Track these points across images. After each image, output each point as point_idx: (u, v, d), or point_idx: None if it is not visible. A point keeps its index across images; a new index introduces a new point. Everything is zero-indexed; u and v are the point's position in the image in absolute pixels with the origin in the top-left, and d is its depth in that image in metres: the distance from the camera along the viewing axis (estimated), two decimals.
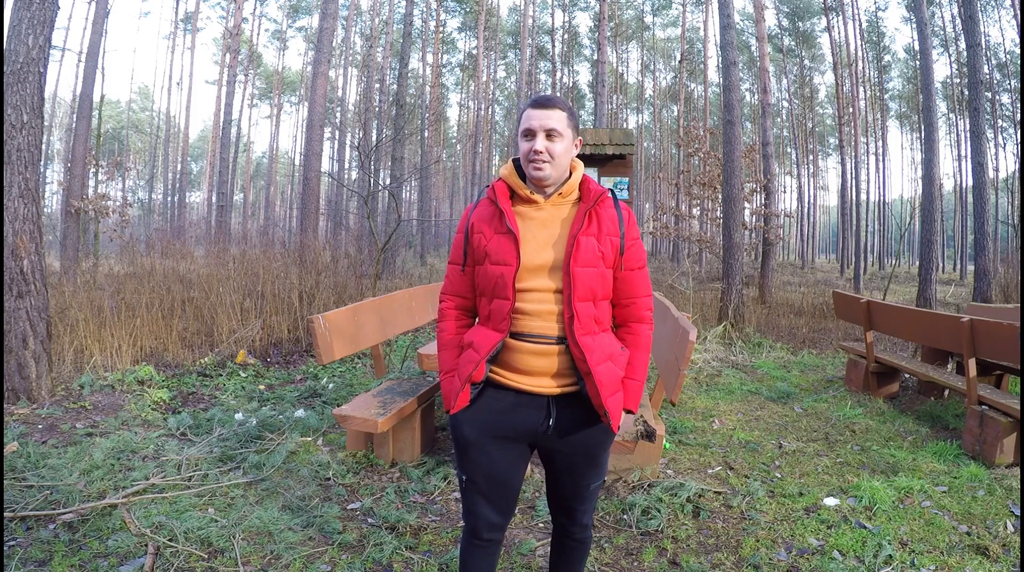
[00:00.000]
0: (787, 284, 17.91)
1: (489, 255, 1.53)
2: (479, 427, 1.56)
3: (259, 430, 3.75)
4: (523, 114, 1.55)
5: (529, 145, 1.52)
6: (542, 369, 1.52)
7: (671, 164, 34.60)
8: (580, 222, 1.52)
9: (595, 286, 1.52)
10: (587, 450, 1.59)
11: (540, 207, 1.56)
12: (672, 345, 3.03)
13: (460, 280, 1.64)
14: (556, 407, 1.55)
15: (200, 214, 34.69)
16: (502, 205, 1.54)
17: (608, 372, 1.52)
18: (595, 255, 1.51)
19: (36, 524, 2.52)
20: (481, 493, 1.59)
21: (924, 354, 5.25)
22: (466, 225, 1.61)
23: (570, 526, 1.71)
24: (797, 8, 30.51)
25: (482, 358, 1.52)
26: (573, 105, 1.47)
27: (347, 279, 7.66)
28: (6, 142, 4.08)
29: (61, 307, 5.81)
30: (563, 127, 1.52)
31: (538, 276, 1.51)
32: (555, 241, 1.53)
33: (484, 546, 1.63)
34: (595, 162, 7.58)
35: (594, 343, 1.51)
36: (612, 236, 1.55)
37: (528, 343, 1.52)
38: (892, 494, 2.97)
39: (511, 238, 1.51)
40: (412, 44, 24.14)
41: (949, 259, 34.03)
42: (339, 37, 27.97)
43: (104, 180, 14.19)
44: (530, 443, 1.62)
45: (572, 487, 1.64)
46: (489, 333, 1.54)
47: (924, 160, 10.96)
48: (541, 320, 1.51)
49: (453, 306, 1.68)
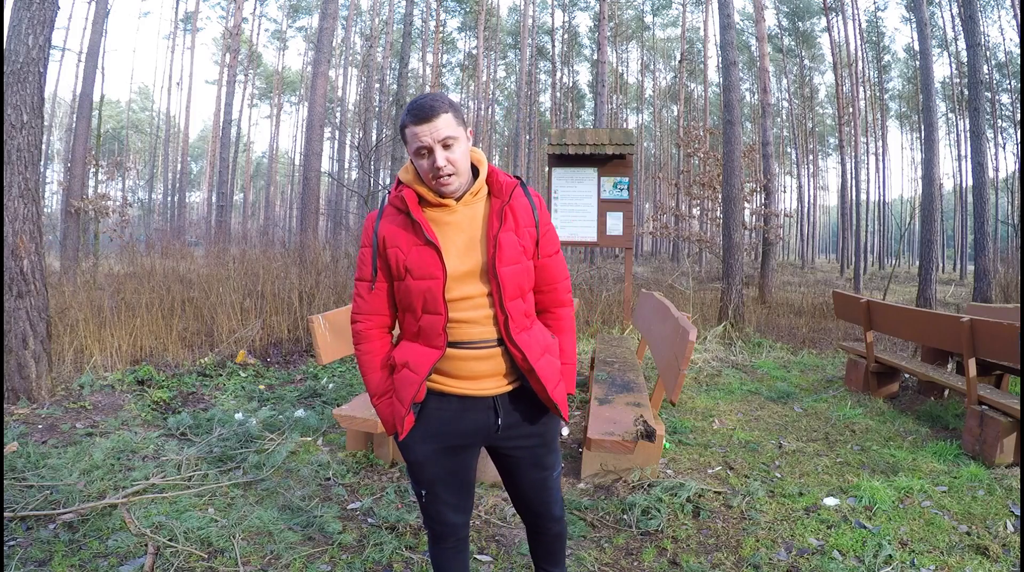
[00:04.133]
0: (787, 284, 17.90)
1: (411, 270, 1.45)
2: (428, 443, 1.53)
3: (259, 430, 3.75)
4: (406, 131, 1.42)
5: (428, 162, 1.41)
6: (485, 372, 1.50)
7: (671, 164, 34.59)
8: (497, 220, 1.46)
9: (522, 282, 1.50)
10: (542, 438, 1.60)
11: (453, 210, 1.49)
12: (672, 345, 3.03)
13: (373, 298, 1.54)
14: (503, 406, 1.54)
15: (200, 214, 34.72)
16: (416, 215, 1.45)
17: (548, 365, 1.52)
18: (517, 251, 1.48)
19: (36, 524, 2.52)
20: (443, 502, 1.59)
21: (924, 354, 5.25)
22: (373, 238, 1.51)
23: (545, 522, 1.70)
24: (797, 8, 30.52)
25: (423, 379, 1.47)
26: (453, 99, 1.32)
27: (347, 279, 7.65)
28: (6, 142, 4.08)
29: (61, 307, 5.81)
30: (454, 129, 1.41)
31: (466, 283, 1.46)
32: (475, 244, 1.47)
33: (454, 547, 1.65)
34: (595, 162, 7.60)
35: (530, 339, 1.50)
36: (528, 227, 1.51)
37: (468, 350, 1.48)
38: (892, 494, 2.97)
39: (432, 249, 1.43)
40: (412, 44, 24.15)
41: (949, 259, 34.02)
42: (339, 37, 27.98)
43: (104, 180, 14.19)
44: (481, 442, 1.60)
45: (536, 480, 1.63)
46: (424, 350, 1.48)
47: (924, 160, 10.96)
48: (478, 326, 1.47)
49: (373, 325, 1.58)
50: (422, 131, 1.39)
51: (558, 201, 7.59)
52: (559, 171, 7.62)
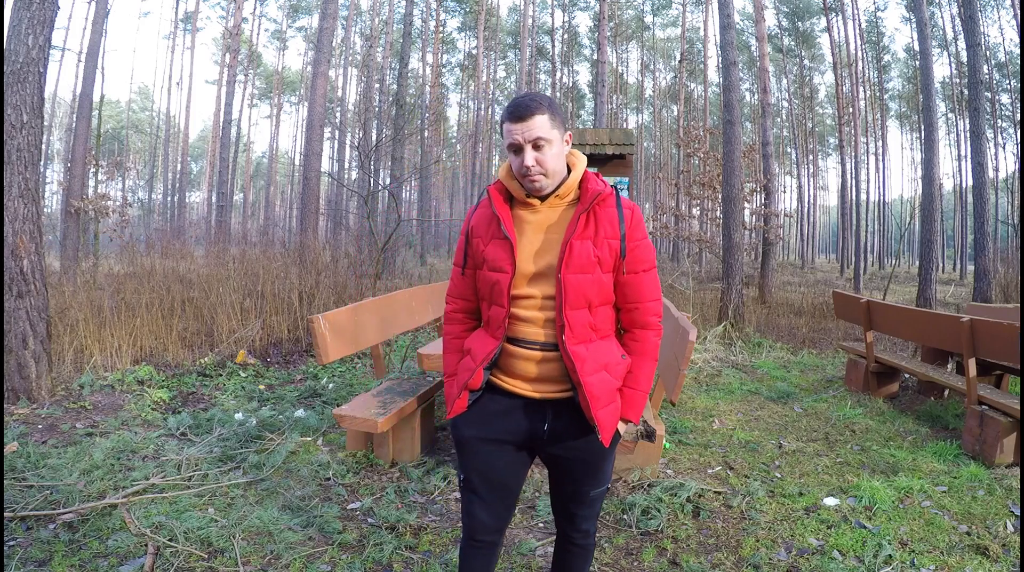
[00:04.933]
0: (787, 284, 17.90)
1: (487, 261, 1.52)
2: (474, 428, 1.56)
3: (259, 430, 3.75)
4: (504, 127, 1.48)
5: (519, 160, 1.46)
6: (537, 374, 1.51)
7: (671, 164, 34.58)
8: (574, 226, 1.46)
9: (589, 293, 1.46)
10: (585, 457, 1.56)
11: (536, 210, 1.52)
12: (672, 345, 3.03)
13: (462, 283, 1.63)
14: (552, 412, 1.53)
15: (200, 214, 34.71)
16: (498, 210, 1.50)
17: (601, 382, 1.47)
18: (590, 260, 1.45)
19: (36, 524, 2.52)
20: (476, 494, 1.59)
21: (924, 354, 5.25)
22: (467, 228, 1.59)
23: (571, 532, 1.69)
24: (797, 8, 30.52)
25: (478, 366, 1.51)
26: (553, 100, 1.33)
27: (347, 279, 7.65)
28: (6, 142, 4.08)
29: (61, 307, 5.81)
30: (548, 131, 1.44)
31: (532, 283, 1.48)
32: (550, 246, 1.49)
33: (480, 547, 1.62)
34: (595, 162, 7.58)
35: (587, 353, 1.47)
36: (611, 239, 1.48)
37: (523, 349, 1.50)
38: (892, 494, 2.97)
39: (507, 245, 1.48)
40: (412, 44, 24.16)
41: (949, 259, 34.02)
42: (339, 37, 27.98)
43: (104, 180, 14.19)
44: (530, 449, 1.60)
45: (572, 492, 1.63)
46: (486, 340, 1.54)
47: (924, 160, 10.96)
48: (535, 326, 1.49)
49: (457, 309, 1.66)
50: (516, 129, 1.44)
51: None
52: None
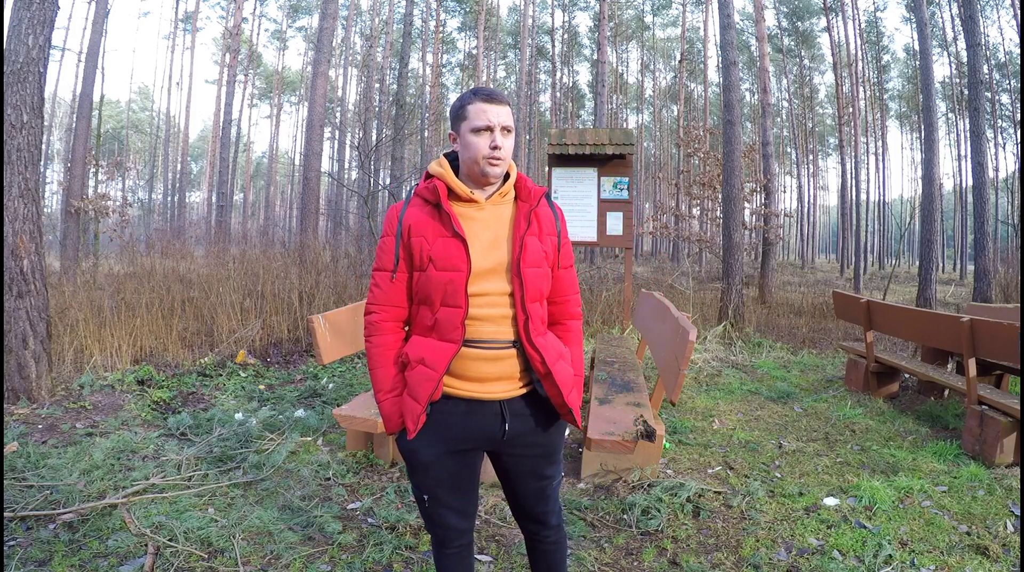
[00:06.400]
0: (787, 284, 17.90)
1: (434, 261, 1.44)
2: (433, 448, 1.50)
3: (259, 430, 3.75)
4: (470, 107, 1.47)
5: (486, 141, 1.45)
6: (495, 375, 1.48)
7: (671, 164, 34.59)
8: (525, 222, 1.50)
9: (542, 286, 1.52)
10: (546, 449, 1.59)
11: (480, 207, 1.51)
12: (672, 345, 3.03)
13: (393, 289, 1.52)
14: (510, 411, 1.52)
15: (200, 214, 34.70)
16: (446, 207, 1.46)
17: (564, 370, 1.53)
18: (540, 255, 1.51)
19: (36, 524, 2.52)
20: (445, 507, 1.56)
21: (924, 354, 5.25)
22: (398, 228, 1.50)
23: (542, 531, 1.67)
24: (797, 8, 30.52)
25: (440, 375, 1.44)
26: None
27: (347, 279, 7.66)
28: (6, 142, 4.08)
29: (61, 307, 5.81)
30: (511, 122, 1.50)
31: (487, 280, 1.46)
32: (501, 243, 1.49)
33: (458, 551, 1.62)
34: (595, 162, 7.59)
35: (546, 343, 1.51)
36: (550, 235, 1.56)
37: (481, 349, 1.46)
38: (892, 494, 2.97)
39: (459, 242, 1.44)
40: (412, 44, 24.14)
41: (949, 259, 34.02)
42: (339, 37, 27.98)
43: (104, 180, 14.19)
44: (485, 450, 1.58)
45: (535, 489, 1.61)
46: (440, 345, 1.45)
47: (924, 160, 10.96)
48: (494, 325, 1.46)
49: (388, 317, 1.54)
50: (490, 110, 1.45)
51: (558, 201, 7.58)
52: (559, 171, 7.63)
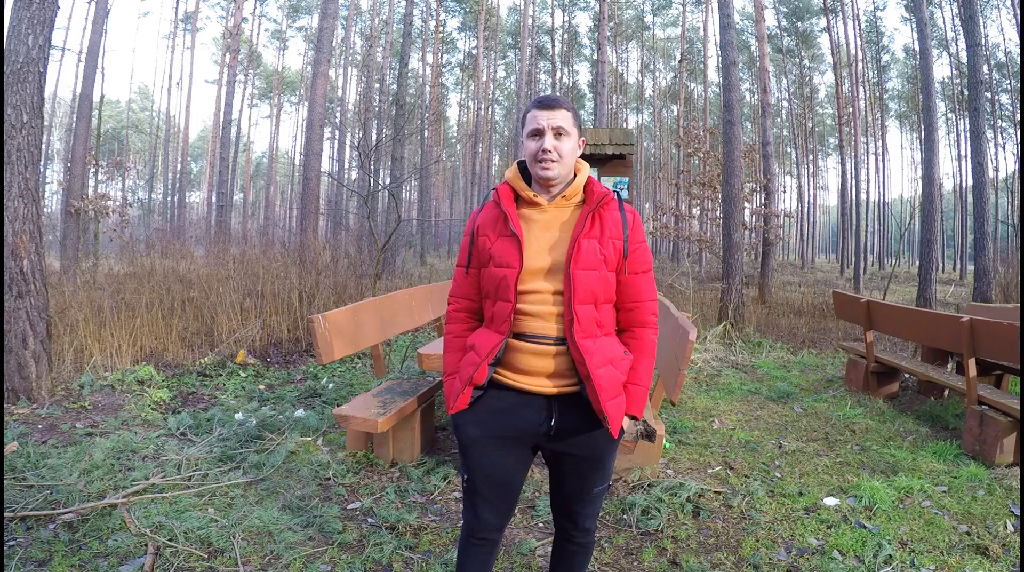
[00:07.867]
0: (787, 284, 17.90)
1: (493, 258, 1.55)
2: (480, 427, 1.57)
3: (259, 430, 3.75)
4: (527, 115, 1.57)
5: (537, 144, 1.53)
6: (542, 369, 1.53)
7: (671, 164, 34.56)
8: (582, 225, 1.52)
9: (596, 289, 1.51)
10: (591, 453, 1.59)
11: (544, 209, 1.57)
12: (672, 345, 3.03)
13: (465, 282, 1.65)
14: (557, 408, 1.55)
15: (200, 214, 34.67)
16: (505, 208, 1.55)
17: (608, 376, 1.51)
18: (597, 258, 1.51)
19: (36, 524, 2.52)
20: (480, 495, 1.60)
21: (924, 354, 5.25)
22: (472, 228, 1.63)
23: (572, 530, 1.70)
24: (797, 8, 30.51)
25: (483, 360, 1.53)
26: (574, 105, 1.49)
27: (347, 279, 7.65)
28: (6, 142, 4.08)
29: (61, 307, 5.81)
30: (569, 126, 1.54)
31: (539, 278, 1.52)
32: (557, 243, 1.54)
33: (480, 545, 1.64)
34: (595, 162, 7.57)
35: (594, 346, 1.51)
36: (615, 239, 1.55)
37: (529, 343, 1.52)
38: (892, 494, 2.97)
39: (514, 241, 1.52)
40: (412, 44, 24.15)
41: (949, 259, 34.02)
42: (339, 37, 27.98)
43: (104, 180, 14.18)
44: (533, 445, 1.62)
45: (575, 490, 1.63)
46: (490, 335, 1.55)
47: (924, 160, 10.96)
48: (542, 321, 1.51)
49: (460, 308, 1.68)
50: (541, 115, 1.53)
51: None
52: None
